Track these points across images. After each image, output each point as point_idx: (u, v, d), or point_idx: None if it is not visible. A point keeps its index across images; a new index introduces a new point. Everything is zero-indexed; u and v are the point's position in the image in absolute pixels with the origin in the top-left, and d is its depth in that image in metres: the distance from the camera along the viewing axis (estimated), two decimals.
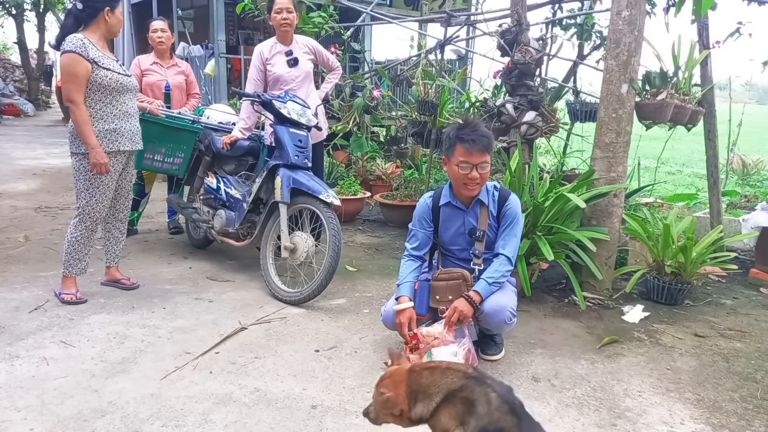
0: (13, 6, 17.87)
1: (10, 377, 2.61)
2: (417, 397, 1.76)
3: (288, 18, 4.12)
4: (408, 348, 2.75)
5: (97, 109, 3.33)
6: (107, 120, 3.36)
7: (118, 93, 3.38)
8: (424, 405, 1.73)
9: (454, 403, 1.68)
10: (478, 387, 1.67)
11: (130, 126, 3.48)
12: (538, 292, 3.89)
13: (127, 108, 3.44)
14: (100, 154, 3.28)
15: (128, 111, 3.46)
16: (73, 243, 3.48)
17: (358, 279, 4.12)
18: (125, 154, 3.51)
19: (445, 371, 1.76)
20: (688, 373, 2.88)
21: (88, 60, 3.23)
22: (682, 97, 3.85)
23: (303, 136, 3.80)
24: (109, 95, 3.35)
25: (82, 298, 3.49)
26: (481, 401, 1.64)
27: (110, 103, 3.36)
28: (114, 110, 3.38)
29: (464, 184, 2.79)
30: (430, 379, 1.76)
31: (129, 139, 3.47)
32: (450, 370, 1.76)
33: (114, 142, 3.39)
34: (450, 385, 1.71)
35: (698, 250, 3.74)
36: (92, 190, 3.40)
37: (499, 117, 4.46)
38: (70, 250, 3.49)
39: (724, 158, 6.55)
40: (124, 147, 3.44)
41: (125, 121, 3.43)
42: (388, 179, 6.49)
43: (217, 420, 2.34)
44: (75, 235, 3.48)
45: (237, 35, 11.28)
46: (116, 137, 3.39)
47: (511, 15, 4.48)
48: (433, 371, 1.77)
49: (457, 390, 1.69)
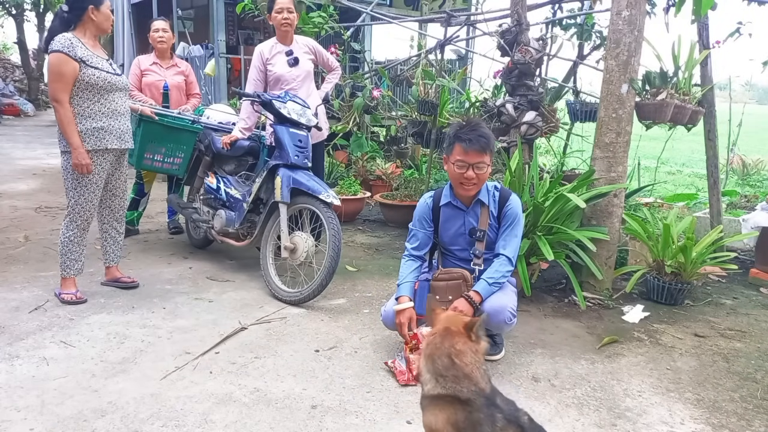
0: (13, 6, 17.88)
1: (10, 377, 2.61)
2: (425, 361, 1.73)
3: (289, 18, 4.12)
4: (408, 348, 2.76)
5: (84, 107, 3.33)
6: (95, 118, 3.36)
7: (107, 91, 3.38)
8: (426, 374, 1.71)
9: (456, 412, 1.62)
10: (486, 409, 1.60)
11: (119, 124, 3.46)
12: (538, 292, 3.89)
13: (116, 106, 3.44)
14: (82, 155, 3.28)
15: (117, 109, 3.45)
16: (67, 243, 3.49)
17: (358, 279, 4.12)
18: (114, 153, 3.50)
19: (463, 377, 1.66)
20: (688, 373, 2.88)
21: (75, 59, 3.24)
22: (682, 97, 3.85)
23: (303, 136, 3.80)
24: (97, 93, 3.35)
25: (82, 298, 3.50)
26: (487, 424, 1.58)
27: (98, 101, 3.36)
28: (103, 108, 3.37)
29: (460, 183, 2.79)
30: (443, 369, 1.69)
31: (117, 137, 3.46)
32: (468, 378, 1.66)
33: (102, 140, 3.38)
34: (457, 392, 1.64)
35: (698, 250, 3.74)
36: (80, 189, 3.41)
37: (499, 117, 4.46)
38: (64, 251, 3.50)
39: (724, 158, 6.56)
40: (112, 145, 3.43)
41: (114, 120, 3.43)
42: (388, 179, 6.49)
43: (217, 420, 2.34)
44: (67, 235, 3.49)
45: (237, 35, 11.28)
46: (104, 135, 3.39)
47: (511, 15, 4.48)
48: (451, 367, 1.68)
49: (465, 403, 1.63)
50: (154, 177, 5.06)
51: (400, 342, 2.92)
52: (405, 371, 2.71)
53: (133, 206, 4.95)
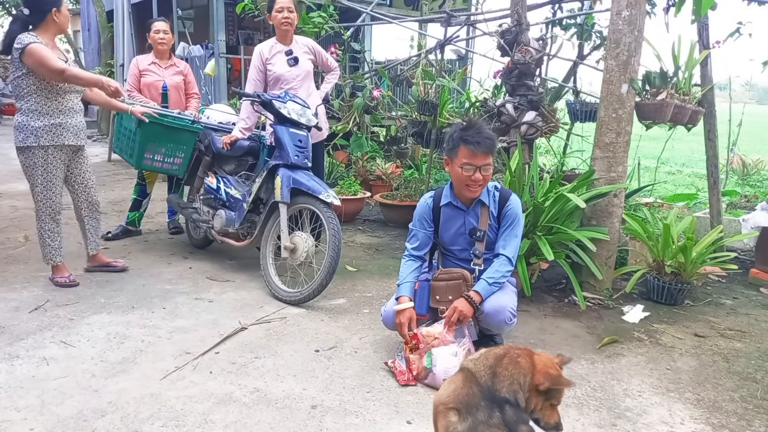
0: (13, 6, 17.88)
1: (10, 377, 2.61)
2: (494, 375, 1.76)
3: (289, 17, 4.12)
4: (408, 348, 2.76)
5: (42, 104, 3.53)
6: (53, 115, 3.56)
7: (63, 91, 3.58)
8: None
9: (463, 386, 1.70)
10: (489, 402, 1.66)
11: (75, 122, 3.68)
12: (538, 292, 3.89)
13: (72, 105, 3.66)
14: (109, 82, 3.61)
15: (73, 108, 3.67)
16: (45, 236, 3.71)
17: (358, 279, 4.12)
18: (70, 149, 3.71)
19: (489, 368, 1.74)
20: (688, 373, 2.88)
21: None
22: (682, 97, 3.84)
23: (303, 136, 3.80)
24: (53, 92, 3.55)
25: (75, 281, 3.74)
26: (484, 412, 1.63)
27: (55, 100, 3.57)
28: (60, 106, 3.58)
29: (466, 185, 2.79)
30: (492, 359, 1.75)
31: (73, 134, 3.67)
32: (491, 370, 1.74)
33: (58, 136, 3.59)
34: (477, 373, 1.72)
35: (698, 250, 3.74)
36: (45, 184, 3.63)
37: (499, 117, 4.46)
38: (44, 243, 3.73)
39: (724, 158, 6.56)
40: (68, 141, 3.64)
41: (70, 117, 3.64)
42: (388, 179, 6.49)
43: (217, 420, 2.34)
44: (44, 228, 3.71)
45: (237, 35, 11.29)
46: (60, 131, 3.59)
47: (511, 15, 4.48)
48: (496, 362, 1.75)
49: (476, 384, 1.70)
50: (156, 178, 5.07)
51: (400, 342, 2.92)
52: (405, 371, 2.71)
53: (135, 207, 4.95)
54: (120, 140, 4.63)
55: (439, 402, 1.71)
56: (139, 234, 5.02)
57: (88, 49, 14.30)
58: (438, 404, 1.71)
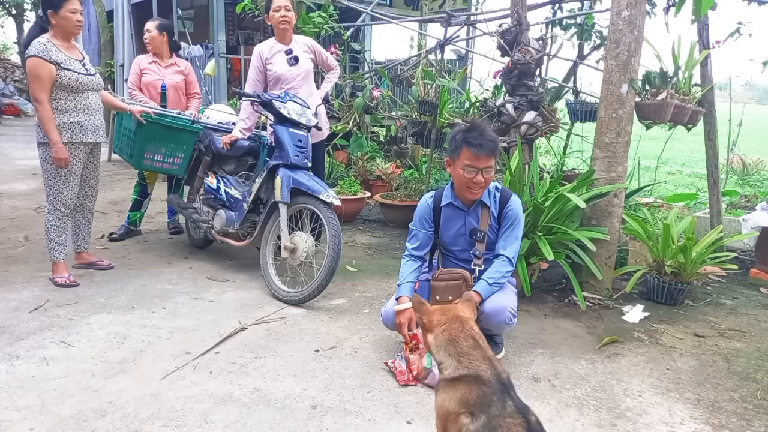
0: (13, 6, 17.89)
1: (10, 377, 2.61)
2: (446, 346, 1.81)
3: (287, 16, 4.11)
4: (408, 348, 2.76)
5: (62, 103, 3.60)
6: (72, 113, 3.64)
7: (80, 91, 3.65)
8: (447, 359, 1.79)
9: (471, 390, 1.69)
10: (500, 393, 1.67)
11: (94, 120, 3.75)
12: (538, 292, 3.89)
13: (91, 103, 3.73)
14: (61, 150, 3.56)
15: (92, 106, 3.74)
16: (52, 231, 3.74)
17: (358, 279, 4.12)
18: (89, 146, 3.78)
19: (485, 359, 1.76)
20: (688, 373, 2.88)
21: (50, 62, 3.49)
22: (682, 97, 3.85)
23: (303, 136, 3.80)
24: (72, 92, 3.63)
25: (75, 282, 3.74)
26: (497, 405, 1.64)
27: (74, 99, 3.64)
28: (78, 105, 3.66)
29: (468, 187, 2.78)
30: (468, 349, 1.78)
31: (92, 132, 3.75)
32: (489, 361, 1.76)
33: (78, 133, 3.66)
34: (480, 372, 1.72)
35: (698, 250, 3.74)
36: (59, 179, 3.68)
37: (499, 117, 4.46)
38: (51, 238, 3.75)
39: (724, 158, 6.56)
40: (87, 138, 3.72)
41: (89, 115, 3.71)
42: (388, 179, 6.49)
43: (217, 420, 2.34)
44: (52, 223, 3.74)
45: (237, 35, 11.28)
46: (80, 129, 3.67)
47: (511, 15, 4.48)
48: (475, 348, 1.79)
49: (483, 382, 1.70)
50: (156, 178, 5.06)
51: (400, 342, 2.92)
52: (405, 371, 2.71)
53: (136, 207, 4.95)
54: (120, 140, 4.63)
55: (450, 412, 1.70)
56: (138, 234, 5.02)
57: (88, 49, 14.29)
58: (448, 414, 1.71)
